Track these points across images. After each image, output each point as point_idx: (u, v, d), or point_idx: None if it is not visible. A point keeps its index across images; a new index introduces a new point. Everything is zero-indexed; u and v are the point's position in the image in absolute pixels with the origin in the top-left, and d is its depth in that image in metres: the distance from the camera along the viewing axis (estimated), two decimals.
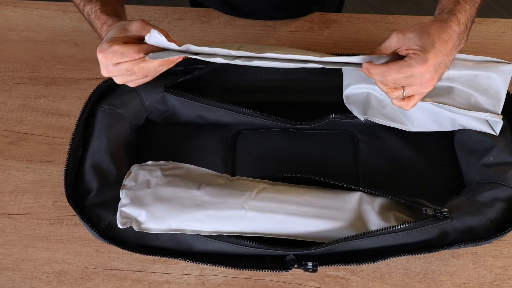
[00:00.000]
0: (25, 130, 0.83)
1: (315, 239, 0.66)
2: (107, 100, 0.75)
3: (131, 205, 0.66)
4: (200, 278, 0.72)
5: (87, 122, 0.75)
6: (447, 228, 0.66)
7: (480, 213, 0.66)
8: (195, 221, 0.65)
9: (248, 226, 0.66)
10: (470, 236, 0.66)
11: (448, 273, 0.71)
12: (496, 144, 0.71)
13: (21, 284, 0.71)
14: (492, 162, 0.70)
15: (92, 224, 0.68)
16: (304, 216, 0.66)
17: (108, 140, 0.73)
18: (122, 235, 0.68)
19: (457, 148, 0.77)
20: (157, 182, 0.68)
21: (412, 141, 0.78)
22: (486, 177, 0.70)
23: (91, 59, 0.90)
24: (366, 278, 0.71)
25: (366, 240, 0.65)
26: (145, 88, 0.76)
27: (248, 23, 0.95)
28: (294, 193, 0.68)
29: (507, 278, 0.71)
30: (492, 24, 0.93)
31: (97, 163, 0.72)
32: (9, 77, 0.88)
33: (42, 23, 0.94)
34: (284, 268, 0.66)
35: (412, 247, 0.67)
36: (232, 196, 0.66)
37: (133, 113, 0.76)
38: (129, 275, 0.72)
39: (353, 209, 0.67)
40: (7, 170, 0.80)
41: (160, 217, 0.65)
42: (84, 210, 0.69)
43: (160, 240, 0.68)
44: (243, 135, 0.80)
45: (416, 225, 0.64)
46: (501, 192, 0.68)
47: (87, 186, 0.70)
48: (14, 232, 0.75)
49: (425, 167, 0.77)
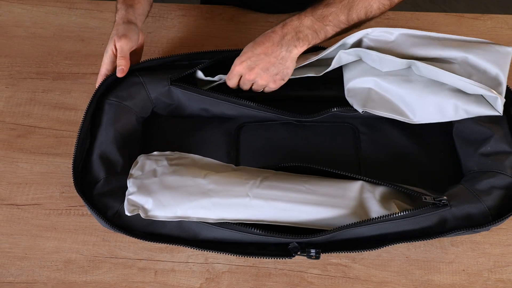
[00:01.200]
0: (33, 123, 0.85)
1: (317, 226, 0.68)
2: (114, 93, 0.77)
3: (138, 193, 0.68)
4: (205, 266, 0.73)
5: (94, 114, 0.77)
6: (446, 216, 0.67)
7: (479, 201, 0.68)
8: (200, 209, 0.67)
9: (252, 214, 0.67)
10: (469, 223, 0.67)
11: (448, 260, 0.73)
12: (494, 134, 0.72)
13: (29, 273, 0.73)
14: (489, 151, 0.72)
15: (100, 213, 0.69)
16: (307, 204, 0.68)
17: (115, 131, 0.74)
18: (129, 223, 0.69)
19: (455, 139, 0.78)
20: (163, 171, 0.69)
21: (412, 133, 0.80)
22: (484, 166, 0.72)
23: (97, 54, 0.92)
24: (368, 266, 0.73)
25: (367, 228, 0.66)
26: (151, 81, 0.77)
27: (251, 19, 0.97)
28: (297, 181, 0.70)
29: (505, 265, 0.73)
30: (489, 20, 0.95)
31: (104, 154, 0.73)
32: (16, 72, 0.90)
33: (49, 20, 0.96)
34: (287, 256, 0.68)
35: (412, 234, 0.68)
36: (237, 184, 0.68)
37: (140, 106, 0.78)
38: (136, 263, 0.73)
39: (355, 197, 0.69)
40: (15, 162, 0.81)
41: (166, 204, 0.67)
42: (92, 199, 0.70)
43: (166, 228, 0.69)
44: (246, 127, 0.82)
45: (416, 213, 0.66)
46: (499, 180, 0.69)
47: (95, 175, 0.72)
48: (22, 222, 0.76)
49: (424, 158, 0.79)
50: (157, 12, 0.97)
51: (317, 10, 0.72)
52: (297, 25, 0.71)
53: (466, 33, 0.94)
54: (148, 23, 0.96)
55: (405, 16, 0.97)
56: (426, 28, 0.94)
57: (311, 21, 0.71)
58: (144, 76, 0.78)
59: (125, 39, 0.76)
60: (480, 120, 0.74)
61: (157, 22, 0.96)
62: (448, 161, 0.78)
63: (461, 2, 1.75)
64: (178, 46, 0.90)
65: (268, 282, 0.72)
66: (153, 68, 0.80)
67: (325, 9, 0.71)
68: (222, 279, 0.72)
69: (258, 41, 0.73)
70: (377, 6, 0.72)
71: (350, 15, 0.72)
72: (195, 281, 0.72)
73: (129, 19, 0.79)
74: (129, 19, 0.79)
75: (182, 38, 0.94)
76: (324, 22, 0.71)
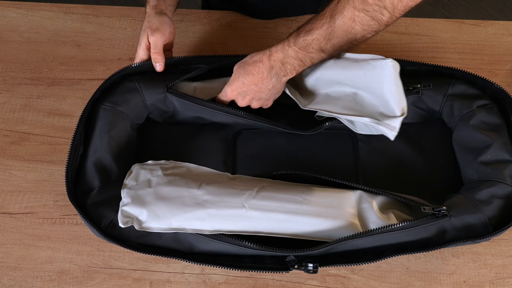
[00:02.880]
0: (27, 130, 0.84)
1: (315, 238, 0.67)
2: (109, 98, 0.76)
3: (132, 204, 0.66)
4: (201, 277, 0.72)
5: (88, 120, 0.75)
6: (446, 226, 0.66)
7: (478, 211, 0.66)
8: (196, 220, 0.65)
9: (249, 225, 0.66)
10: (469, 233, 0.66)
11: (449, 271, 0.72)
12: (493, 142, 0.71)
13: (22, 283, 0.71)
14: (489, 160, 0.71)
15: (94, 223, 0.68)
16: (304, 215, 0.66)
17: (109, 138, 0.73)
18: (124, 233, 0.68)
19: (455, 147, 0.77)
20: (158, 181, 0.68)
21: (411, 141, 0.79)
22: (484, 174, 0.71)
23: (93, 60, 0.91)
24: (367, 277, 0.72)
25: (365, 239, 0.65)
26: (147, 87, 0.76)
27: (249, 25, 0.96)
28: (294, 191, 0.68)
29: (507, 277, 0.71)
30: (490, 26, 0.94)
31: (99, 161, 0.72)
32: (11, 77, 0.89)
33: (44, 24, 0.95)
34: (284, 269, 0.66)
35: (411, 245, 0.67)
36: (233, 195, 0.67)
37: (134, 112, 0.77)
38: (131, 274, 0.72)
39: (353, 208, 0.67)
40: (8, 169, 0.80)
41: (161, 216, 0.65)
42: (86, 209, 0.69)
43: (162, 240, 0.68)
44: (243, 134, 0.80)
45: (415, 223, 0.65)
46: (499, 189, 0.68)
47: (89, 184, 0.71)
48: (15, 231, 0.75)
49: (424, 166, 0.77)
50: None
51: (299, 38, 0.68)
52: (282, 57, 0.70)
53: (466, 39, 0.93)
54: None
55: (405, 22, 0.96)
56: (426, 34, 0.93)
57: (295, 51, 0.69)
58: (140, 82, 0.77)
59: (159, 33, 0.76)
60: (480, 128, 0.73)
61: None
62: (447, 169, 0.77)
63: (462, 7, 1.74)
64: (175, 51, 0.89)
65: None
66: (148, 72, 0.79)
67: (307, 36, 0.67)
68: None
69: (248, 70, 0.72)
70: (360, 28, 0.65)
71: (331, 42, 0.67)
72: None
73: (161, 9, 0.79)
74: (161, 10, 0.79)
75: (179, 43, 0.93)
76: (307, 50, 0.68)
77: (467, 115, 0.75)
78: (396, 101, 0.71)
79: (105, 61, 0.91)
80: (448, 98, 0.76)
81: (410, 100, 0.76)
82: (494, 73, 0.89)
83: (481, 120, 0.74)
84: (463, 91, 0.76)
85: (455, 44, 0.92)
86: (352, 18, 0.64)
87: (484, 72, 0.89)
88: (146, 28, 0.77)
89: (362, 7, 0.63)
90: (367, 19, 0.64)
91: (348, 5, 0.64)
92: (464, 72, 0.76)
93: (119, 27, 0.95)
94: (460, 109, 0.75)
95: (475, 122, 0.74)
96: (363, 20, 0.64)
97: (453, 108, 0.76)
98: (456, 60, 0.90)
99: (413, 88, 0.75)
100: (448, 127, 0.79)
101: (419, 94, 0.76)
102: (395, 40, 0.93)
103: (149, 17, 0.79)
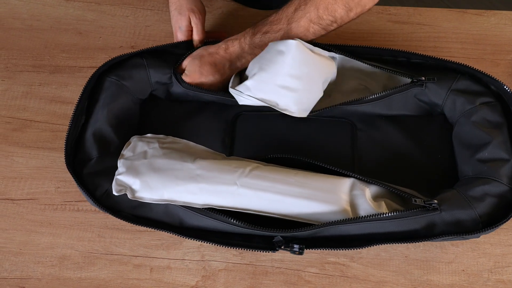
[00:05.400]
0: (29, 117, 0.84)
1: (303, 220, 0.67)
2: (115, 71, 0.77)
3: (126, 174, 0.68)
4: (201, 264, 0.72)
5: (93, 91, 0.76)
6: (435, 220, 0.66)
7: (470, 207, 0.66)
8: (187, 193, 0.66)
9: (239, 202, 0.67)
10: (458, 229, 0.66)
11: (447, 260, 0.72)
12: (493, 140, 0.71)
13: (24, 268, 0.72)
14: (487, 157, 0.71)
15: (89, 191, 0.69)
16: (295, 197, 0.67)
17: (112, 110, 0.74)
18: (118, 204, 0.69)
19: (454, 142, 0.77)
20: (153, 153, 0.69)
21: (410, 133, 0.79)
22: (480, 172, 0.70)
23: (94, 47, 0.91)
24: (366, 265, 0.72)
25: (354, 226, 0.65)
26: (154, 65, 0.78)
27: (250, 13, 0.95)
28: (287, 174, 0.69)
29: (505, 265, 0.72)
30: (493, 16, 0.94)
31: (99, 132, 0.73)
32: (13, 64, 0.89)
33: (46, 12, 0.95)
34: (271, 249, 0.67)
35: (398, 236, 0.67)
36: (226, 171, 0.67)
37: (139, 87, 0.78)
38: (131, 260, 0.72)
39: (345, 194, 0.68)
40: (10, 156, 0.80)
41: (153, 187, 0.67)
42: (82, 177, 0.70)
43: (153, 212, 0.69)
44: (244, 116, 0.81)
45: (405, 214, 0.65)
46: (493, 187, 0.68)
47: (88, 154, 0.72)
48: (17, 217, 0.76)
49: (421, 158, 0.77)
50: (155, 5, 0.96)
51: (255, 37, 0.76)
52: (239, 51, 0.77)
53: (468, 29, 0.92)
54: (147, 16, 0.95)
55: (407, 12, 0.95)
56: (428, 24, 0.93)
57: (251, 48, 0.76)
58: (148, 59, 0.78)
59: (199, 14, 0.82)
60: (481, 125, 0.73)
61: (156, 15, 0.95)
62: (444, 164, 0.77)
63: None
64: None
65: (265, 280, 0.71)
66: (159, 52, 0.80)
67: (263, 37, 0.75)
68: (218, 277, 0.71)
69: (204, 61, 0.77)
70: (312, 35, 0.75)
71: None
72: (191, 278, 0.71)
73: None
74: None
75: None
76: (262, 48, 0.75)
77: (469, 111, 0.74)
78: None
79: (107, 49, 0.91)
80: (451, 93, 0.75)
81: (413, 92, 0.76)
82: (496, 63, 0.89)
83: (483, 117, 0.73)
84: (467, 87, 0.76)
85: (457, 34, 0.92)
86: (307, 29, 0.73)
87: (486, 62, 0.88)
88: (184, 10, 0.81)
89: (317, 21, 0.73)
90: (319, 29, 0.74)
91: (305, 17, 0.72)
92: (470, 68, 0.76)
93: (121, 15, 0.95)
94: (463, 104, 0.75)
95: (476, 119, 0.73)
96: (316, 30, 0.74)
97: (456, 103, 0.75)
98: (458, 50, 0.90)
99: (417, 81, 0.75)
100: (449, 122, 0.78)
101: (423, 87, 0.75)
102: (397, 30, 0.93)
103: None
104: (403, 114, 0.79)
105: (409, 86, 0.75)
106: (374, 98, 0.75)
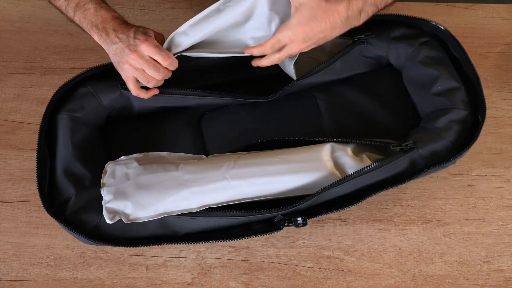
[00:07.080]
0: (21, 119, 0.84)
1: (299, 193, 0.68)
2: (65, 107, 0.74)
3: (115, 200, 0.66)
4: (196, 261, 0.73)
5: (49, 132, 0.74)
6: (415, 158, 0.70)
7: (441, 138, 0.71)
8: (181, 201, 0.66)
9: (234, 194, 0.67)
10: (436, 160, 0.70)
11: (440, 251, 0.73)
12: (440, 73, 0.75)
13: (19, 270, 0.72)
14: (440, 90, 0.75)
15: (78, 230, 0.67)
16: (284, 174, 0.68)
17: (74, 145, 0.72)
18: (110, 233, 0.67)
19: (407, 86, 0.80)
20: (135, 172, 0.68)
21: (365, 89, 0.82)
22: (439, 104, 0.74)
23: (85, 48, 0.91)
24: (360, 258, 0.73)
25: (346, 185, 0.68)
26: (101, 89, 0.75)
27: None
28: (269, 155, 0.70)
29: (497, 255, 0.73)
30: (480, 9, 0.95)
31: (68, 170, 0.70)
32: (3, 67, 0.89)
33: (36, 13, 0.95)
34: (275, 229, 0.68)
35: (388, 181, 0.71)
36: (212, 169, 0.68)
37: (93, 115, 0.75)
38: (127, 259, 0.73)
39: (328, 157, 0.70)
40: (3, 158, 0.80)
41: (146, 204, 0.65)
42: (66, 219, 0.68)
43: (148, 230, 0.68)
44: (207, 115, 0.81)
45: (388, 161, 0.68)
46: (455, 115, 0.72)
47: (65, 194, 0.69)
48: (11, 219, 0.76)
49: (382, 111, 0.80)
50: (145, 4, 0.96)
51: None
52: (362, 5, 0.66)
53: (457, 22, 0.93)
54: (137, 16, 0.95)
55: (396, 6, 0.96)
56: None
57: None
58: (93, 85, 0.75)
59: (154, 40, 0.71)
60: (426, 63, 0.76)
61: (146, 15, 0.95)
62: (406, 109, 0.80)
63: None
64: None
65: (261, 276, 0.72)
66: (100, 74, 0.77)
67: None
68: (214, 274, 0.72)
69: (320, 17, 0.65)
70: None
71: None
72: (187, 276, 0.72)
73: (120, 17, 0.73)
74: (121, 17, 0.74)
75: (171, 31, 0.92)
76: None
77: (412, 54, 0.78)
78: None
79: (97, 50, 0.91)
80: (391, 41, 0.79)
81: (358, 50, 0.79)
82: (484, 55, 0.89)
83: (425, 55, 0.77)
84: (403, 33, 0.79)
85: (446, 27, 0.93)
86: None
87: (475, 54, 0.89)
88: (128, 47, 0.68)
89: None
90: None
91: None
92: (400, 15, 0.80)
93: None
94: (405, 49, 0.78)
95: (420, 59, 0.77)
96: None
97: (398, 50, 0.79)
98: None
99: (358, 39, 0.78)
100: (397, 69, 0.82)
101: (365, 44, 0.78)
102: None
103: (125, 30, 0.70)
104: (354, 74, 0.82)
105: (351, 46, 0.78)
106: (323, 66, 0.77)
